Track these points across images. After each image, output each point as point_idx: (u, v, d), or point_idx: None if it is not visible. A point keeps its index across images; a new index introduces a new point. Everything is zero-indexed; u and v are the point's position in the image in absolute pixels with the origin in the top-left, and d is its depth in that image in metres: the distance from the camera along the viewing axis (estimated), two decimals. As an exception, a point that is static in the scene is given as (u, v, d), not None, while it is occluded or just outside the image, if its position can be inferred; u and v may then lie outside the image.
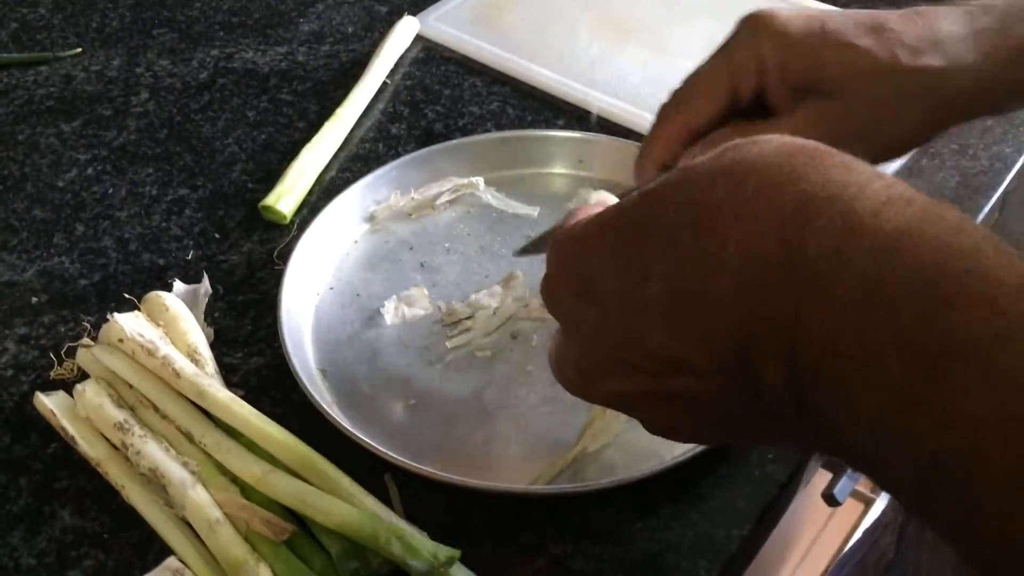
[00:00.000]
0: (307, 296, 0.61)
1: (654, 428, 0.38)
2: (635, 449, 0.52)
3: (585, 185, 0.67)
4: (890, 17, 0.48)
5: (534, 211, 0.66)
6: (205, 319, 0.59)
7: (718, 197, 0.31)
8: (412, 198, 0.66)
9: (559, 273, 0.37)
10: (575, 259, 0.36)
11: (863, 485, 1.04)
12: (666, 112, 0.51)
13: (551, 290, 0.38)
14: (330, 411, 0.52)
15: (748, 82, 0.49)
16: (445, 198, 0.67)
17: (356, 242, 0.65)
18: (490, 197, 0.67)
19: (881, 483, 0.31)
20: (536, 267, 0.61)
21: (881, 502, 1.10)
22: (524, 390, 0.56)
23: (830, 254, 0.29)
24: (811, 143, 0.32)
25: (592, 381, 0.38)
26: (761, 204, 0.30)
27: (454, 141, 0.70)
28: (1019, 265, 0.27)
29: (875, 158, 0.50)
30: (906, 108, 0.48)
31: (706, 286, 0.31)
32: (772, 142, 0.32)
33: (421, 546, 0.45)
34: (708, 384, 0.33)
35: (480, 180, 0.67)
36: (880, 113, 0.48)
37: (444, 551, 0.45)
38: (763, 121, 0.49)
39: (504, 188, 0.68)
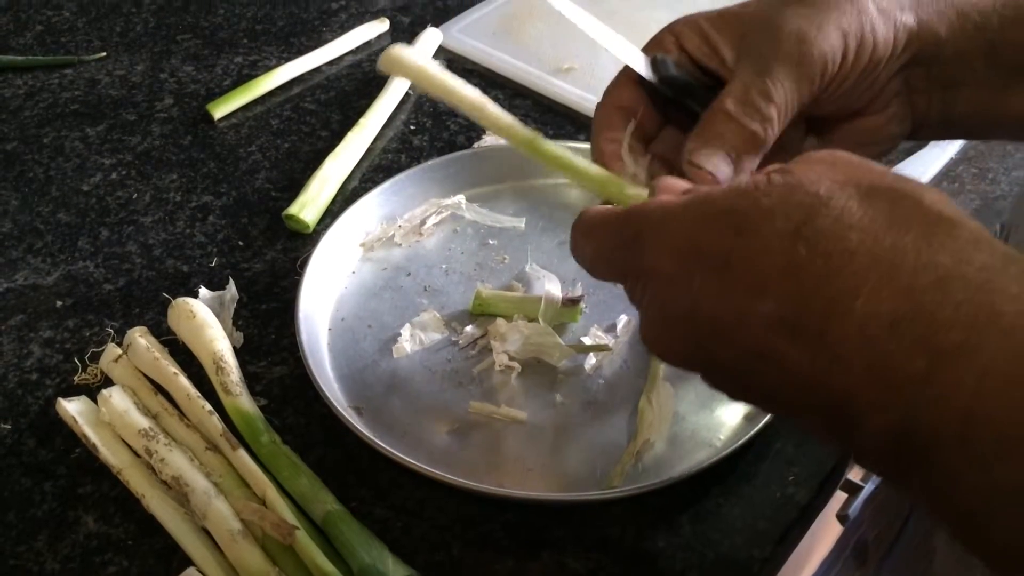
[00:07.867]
0: (322, 319, 0.60)
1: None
2: (658, 455, 0.53)
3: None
4: None
5: (520, 222, 0.66)
6: (233, 325, 0.60)
7: (851, 244, 0.32)
8: (399, 226, 0.66)
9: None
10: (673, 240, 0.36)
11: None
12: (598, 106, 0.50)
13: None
14: (350, 418, 0.52)
15: (671, 48, 0.48)
16: (432, 221, 0.66)
17: (354, 273, 0.64)
18: (474, 214, 0.67)
19: (961, 525, 0.31)
20: (536, 283, 0.62)
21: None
22: (560, 396, 0.56)
23: (968, 327, 0.30)
24: (951, 211, 0.33)
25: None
26: (896, 268, 0.31)
27: (470, 150, 0.70)
28: None
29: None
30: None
31: (827, 327, 0.32)
32: (916, 196, 0.33)
33: None
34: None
35: (462, 198, 0.67)
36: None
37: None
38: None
39: (488, 203, 0.68)
